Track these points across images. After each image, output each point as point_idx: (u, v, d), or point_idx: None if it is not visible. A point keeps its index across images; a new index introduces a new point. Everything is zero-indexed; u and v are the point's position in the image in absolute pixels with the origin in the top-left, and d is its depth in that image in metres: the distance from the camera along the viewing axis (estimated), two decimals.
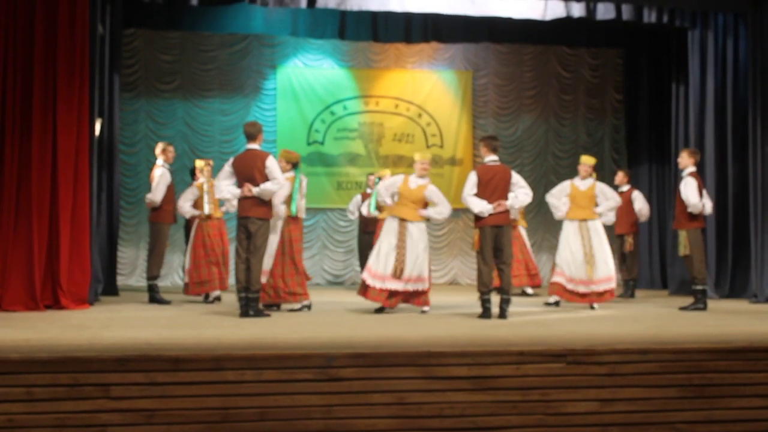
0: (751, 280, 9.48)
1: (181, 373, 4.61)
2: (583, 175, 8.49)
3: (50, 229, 7.59)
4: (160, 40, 12.24)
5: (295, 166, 7.93)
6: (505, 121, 13.29)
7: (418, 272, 7.52)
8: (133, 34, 12.01)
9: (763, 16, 9.49)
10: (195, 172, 9.09)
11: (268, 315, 7.13)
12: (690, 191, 8.04)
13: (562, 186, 8.61)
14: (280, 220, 7.69)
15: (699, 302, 8.07)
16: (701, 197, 8.12)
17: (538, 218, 12.63)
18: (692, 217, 8.14)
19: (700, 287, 8.12)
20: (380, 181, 7.92)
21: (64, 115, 7.67)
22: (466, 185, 7.32)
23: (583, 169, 8.51)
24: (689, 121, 10.41)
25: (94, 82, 8.27)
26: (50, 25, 7.69)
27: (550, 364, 4.94)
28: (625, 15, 9.68)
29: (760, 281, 9.24)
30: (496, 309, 7.15)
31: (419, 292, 7.56)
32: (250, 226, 7.02)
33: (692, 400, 5.02)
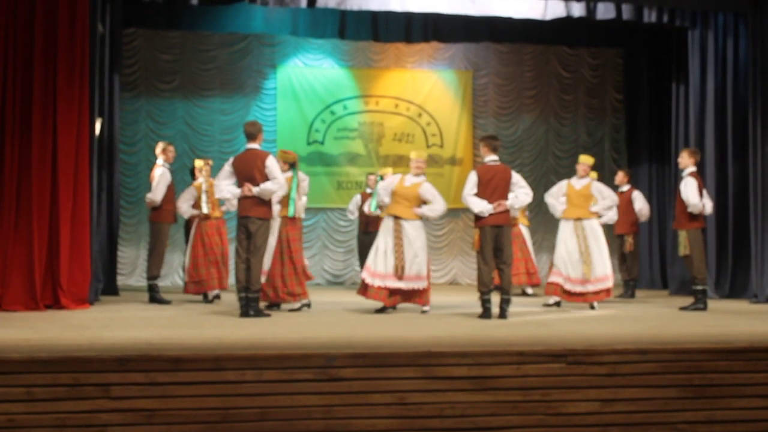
0: (751, 280, 9.48)
1: (181, 373, 4.61)
2: (581, 174, 8.49)
3: (50, 229, 7.59)
4: (160, 40, 12.24)
5: (293, 166, 7.92)
6: (505, 121, 13.29)
7: (417, 271, 7.52)
8: (133, 34, 12.01)
9: (763, 16, 9.49)
10: (195, 172, 9.10)
11: (268, 315, 7.13)
12: (690, 191, 8.03)
13: (560, 185, 8.63)
14: (277, 221, 7.68)
15: (699, 302, 8.07)
16: (701, 197, 8.12)
17: (538, 218, 12.62)
18: (692, 217, 8.13)
19: (700, 287, 8.12)
20: (382, 180, 7.92)
21: (64, 115, 7.67)
22: (467, 185, 7.32)
23: (581, 169, 8.51)
24: (689, 120, 10.41)
25: (94, 82, 8.27)
26: (50, 25, 7.68)
27: (551, 364, 4.94)
28: (626, 15, 9.68)
29: (761, 281, 9.24)
30: (496, 309, 7.15)
31: (419, 291, 7.55)
32: (250, 226, 7.02)
33: (693, 400, 5.01)
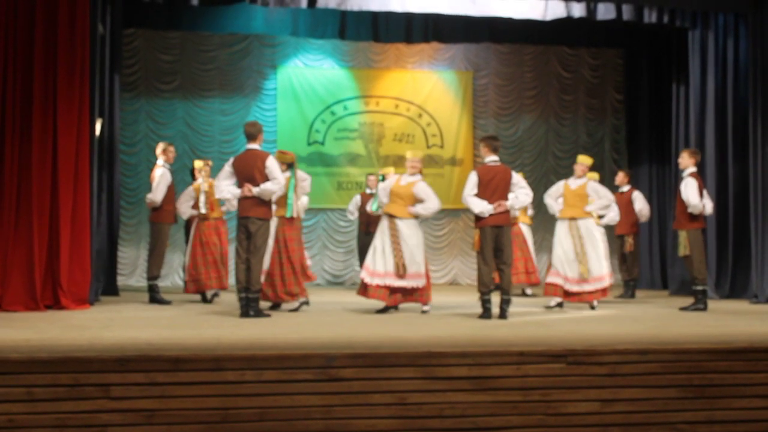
0: (751, 280, 9.47)
1: (181, 373, 4.61)
2: (579, 174, 8.46)
3: (50, 229, 7.59)
4: (160, 40, 12.25)
5: (291, 166, 7.90)
6: (506, 121, 13.29)
7: (415, 269, 7.52)
8: (133, 34, 12.01)
9: (764, 16, 9.49)
10: (195, 173, 9.11)
11: (268, 315, 7.13)
12: (690, 192, 8.03)
13: (557, 186, 8.63)
14: (273, 221, 7.67)
15: (699, 302, 8.07)
16: (702, 197, 8.11)
17: (539, 218, 12.58)
18: (692, 217, 8.13)
19: (700, 287, 8.12)
20: (384, 179, 7.94)
21: (64, 115, 7.67)
22: (467, 185, 7.32)
23: (579, 169, 8.48)
24: (689, 121, 10.41)
25: (94, 82, 8.27)
26: (50, 25, 7.69)
27: (551, 365, 4.93)
28: (626, 15, 9.68)
29: (761, 281, 9.24)
30: (496, 309, 7.15)
31: (418, 289, 7.56)
32: (250, 226, 7.02)
33: (693, 400, 5.01)
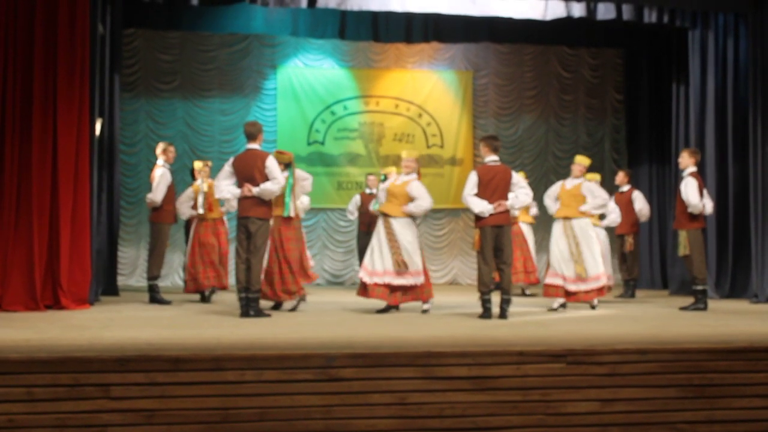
0: (751, 280, 9.47)
1: (181, 373, 4.61)
2: (576, 174, 8.43)
3: (50, 229, 7.59)
4: (160, 40, 12.25)
5: (288, 166, 7.89)
6: (506, 121, 13.29)
7: (412, 267, 7.52)
8: (133, 34, 12.01)
9: (764, 16, 9.49)
10: (194, 173, 9.13)
11: (268, 315, 7.13)
12: (690, 192, 8.03)
13: (555, 186, 8.63)
14: (269, 220, 7.65)
15: (699, 302, 8.07)
16: (702, 197, 8.11)
17: (538, 218, 12.61)
18: (692, 217, 8.13)
19: (700, 287, 8.12)
20: (386, 179, 7.95)
21: (64, 115, 7.67)
22: (467, 185, 7.33)
23: (577, 169, 8.45)
24: (690, 121, 10.41)
25: (94, 82, 8.27)
26: (50, 25, 7.69)
27: (550, 364, 4.93)
28: (626, 15, 9.68)
29: (761, 281, 9.24)
30: (496, 309, 7.15)
31: (417, 286, 7.56)
32: (250, 226, 7.02)
33: (693, 400, 5.01)
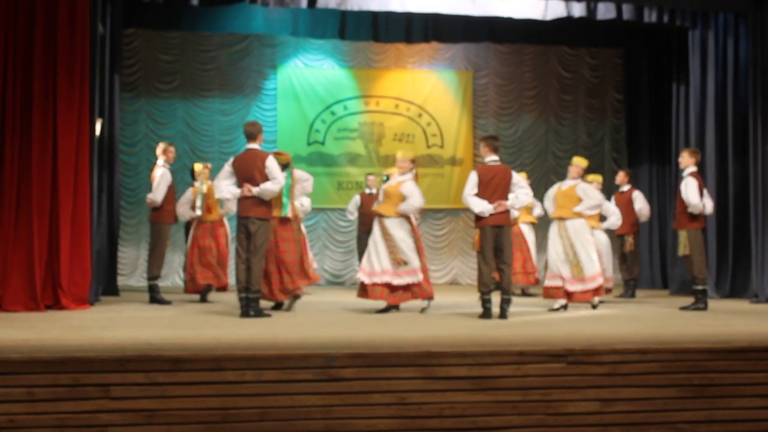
0: (751, 279, 9.47)
1: (181, 373, 4.61)
2: (573, 175, 8.41)
3: (50, 229, 7.59)
4: (160, 40, 12.25)
5: (286, 167, 7.88)
6: (506, 121, 13.29)
7: (410, 265, 7.54)
8: (133, 34, 12.01)
9: (764, 16, 9.49)
10: (194, 175, 9.15)
11: (268, 315, 7.12)
12: (690, 192, 8.03)
13: (554, 187, 8.63)
14: None
15: (699, 302, 8.07)
16: (702, 197, 8.11)
17: (540, 219, 12.61)
18: (693, 217, 8.13)
19: (700, 287, 8.12)
20: (388, 179, 7.97)
21: (64, 115, 7.67)
22: (467, 185, 7.33)
23: (574, 170, 8.41)
24: (690, 120, 10.41)
25: (94, 82, 8.27)
26: (50, 25, 7.69)
27: (550, 364, 4.94)
28: (626, 15, 9.68)
29: (761, 281, 9.24)
30: (496, 309, 7.15)
31: (415, 284, 7.56)
32: (250, 226, 7.02)
33: (693, 400, 5.01)
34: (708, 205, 8.23)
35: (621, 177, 10.33)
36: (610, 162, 13.32)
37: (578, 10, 9.61)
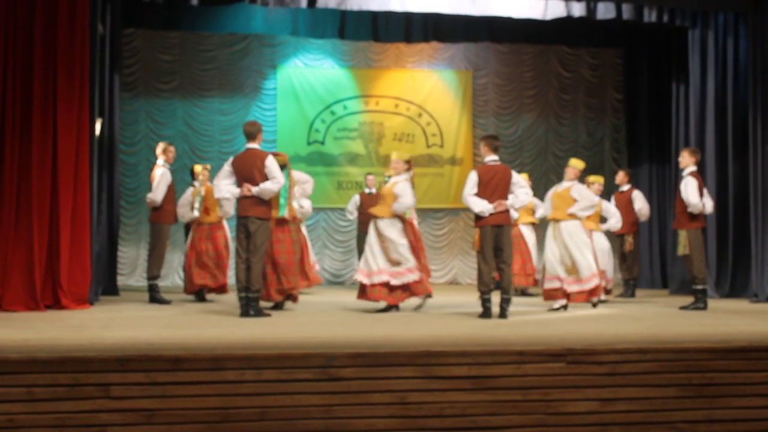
0: (751, 279, 9.48)
1: (181, 373, 4.61)
2: (569, 177, 8.39)
3: (50, 229, 7.59)
4: (160, 40, 12.25)
5: (283, 167, 7.87)
6: (506, 121, 13.29)
7: (405, 264, 7.54)
8: (133, 34, 12.01)
9: (764, 16, 9.49)
10: (194, 176, 9.16)
11: (268, 315, 7.13)
12: (690, 191, 8.03)
13: (552, 189, 8.64)
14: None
15: (699, 302, 8.07)
16: (702, 197, 8.11)
17: (541, 219, 12.62)
18: (692, 216, 8.13)
19: (700, 287, 8.12)
20: (389, 180, 7.99)
21: (64, 115, 7.67)
22: (467, 185, 7.33)
23: (570, 172, 8.39)
24: (689, 120, 10.41)
25: (94, 82, 8.27)
26: (50, 25, 7.69)
27: (550, 364, 4.94)
28: (626, 14, 9.69)
29: (761, 281, 9.24)
30: (496, 309, 7.15)
31: (414, 283, 7.56)
32: (250, 226, 7.02)
33: (692, 399, 5.01)
34: (708, 205, 8.23)
35: (621, 177, 10.33)
36: (609, 162, 13.33)
37: (578, 10, 9.61)
